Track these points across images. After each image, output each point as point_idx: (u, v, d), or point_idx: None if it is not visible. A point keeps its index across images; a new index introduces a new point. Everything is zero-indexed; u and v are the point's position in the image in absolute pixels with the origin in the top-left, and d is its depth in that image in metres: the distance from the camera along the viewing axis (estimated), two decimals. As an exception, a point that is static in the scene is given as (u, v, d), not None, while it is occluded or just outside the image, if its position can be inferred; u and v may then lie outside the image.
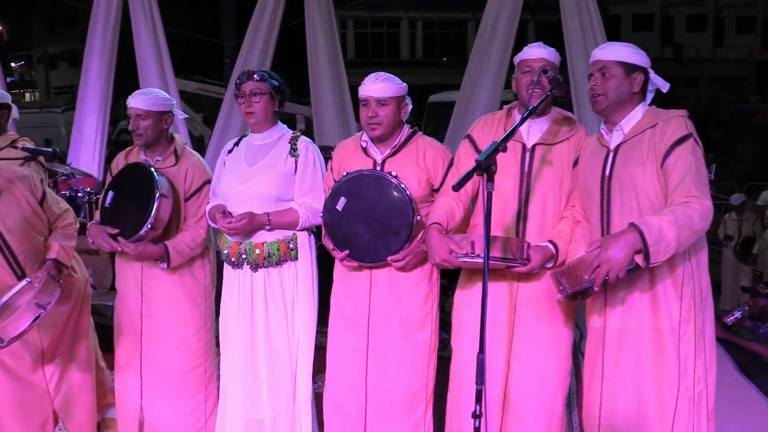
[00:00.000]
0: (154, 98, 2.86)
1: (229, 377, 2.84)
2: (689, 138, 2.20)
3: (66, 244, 2.82)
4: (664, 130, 2.23)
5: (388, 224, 2.56)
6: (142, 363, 2.94)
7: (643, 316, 2.28)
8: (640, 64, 2.31)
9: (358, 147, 2.73)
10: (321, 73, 6.19)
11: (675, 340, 2.25)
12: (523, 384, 2.55)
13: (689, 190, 2.14)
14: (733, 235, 8.03)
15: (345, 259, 2.64)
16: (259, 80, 2.72)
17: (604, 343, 2.35)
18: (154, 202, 2.70)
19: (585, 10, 5.24)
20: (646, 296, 2.28)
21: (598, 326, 2.39)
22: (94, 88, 6.06)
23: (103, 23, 5.96)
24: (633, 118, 2.32)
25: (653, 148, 2.23)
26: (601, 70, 2.32)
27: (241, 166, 2.78)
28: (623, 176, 2.28)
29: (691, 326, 2.25)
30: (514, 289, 2.54)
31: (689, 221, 2.09)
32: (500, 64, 5.52)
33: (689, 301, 2.25)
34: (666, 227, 2.05)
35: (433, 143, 2.73)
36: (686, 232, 2.09)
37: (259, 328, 2.77)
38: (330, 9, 6.23)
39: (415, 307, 2.67)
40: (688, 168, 2.16)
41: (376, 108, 2.60)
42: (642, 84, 2.31)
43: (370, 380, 2.69)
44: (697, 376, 2.26)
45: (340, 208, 2.59)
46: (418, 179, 2.63)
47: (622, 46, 2.33)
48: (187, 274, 2.93)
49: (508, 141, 2.10)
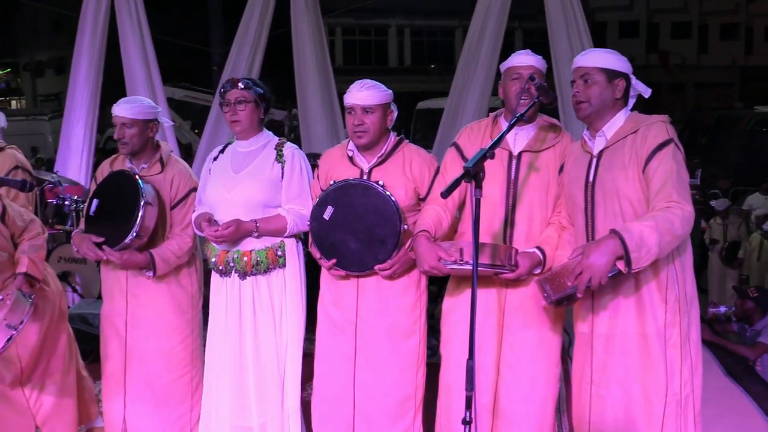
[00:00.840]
0: (139, 106, 2.84)
1: (215, 385, 2.81)
2: (670, 143, 2.22)
3: (35, 256, 2.73)
4: (646, 135, 2.24)
5: (375, 233, 2.56)
6: (126, 372, 2.90)
7: (629, 320, 2.29)
8: (622, 70, 2.32)
9: (345, 156, 2.73)
10: (309, 81, 6.19)
11: (661, 344, 2.26)
12: (513, 390, 2.56)
13: (670, 195, 2.15)
14: (718, 239, 8.11)
15: (332, 268, 2.64)
16: (244, 88, 2.72)
17: (592, 348, 2.36)
18: (139, 210, 2.67)
19: (571, 17, 5.28)
20: (631, 301, 2.29)
21: (585, 331, 2.40)
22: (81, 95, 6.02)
23: (90, 30, 5.93)
24: (615, 123, 2.33)
25: (635, 153, 2.24)
26: (583, 77, 2.33)
27: (227, 173, 2.77)
28: (606, 182, 2.29)
29: (677, 330, 2.26)
30: (502, 295, 2.55)
31: (670, 226, 2.10)
32: (488, 70, 5.54)
33: (674, 304, 2.26)
34: (647, 233, 2.07)
35: (419, 152, 2.73)
36: (668, 237, 2.10)
37: (248, 335, 2.75)
38: (318, 16, 6.23)
39: (403, 315, 2.68)
40: (669, 173, 2.18)
41: (362, 116, 2.60)
42: (624, 90, 2.33)
43: (359, 388, 2.68)
44: (684, 379, 2.28)
45: (327, 217, 2.59)
46: (405, 188, 2.64)
47: (603, 53, 2.35)
48: (174, 282, 2.91)
49: (495, 148, 2.11)
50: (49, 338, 2.89)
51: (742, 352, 4.36)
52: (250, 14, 6.12)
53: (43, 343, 2.86)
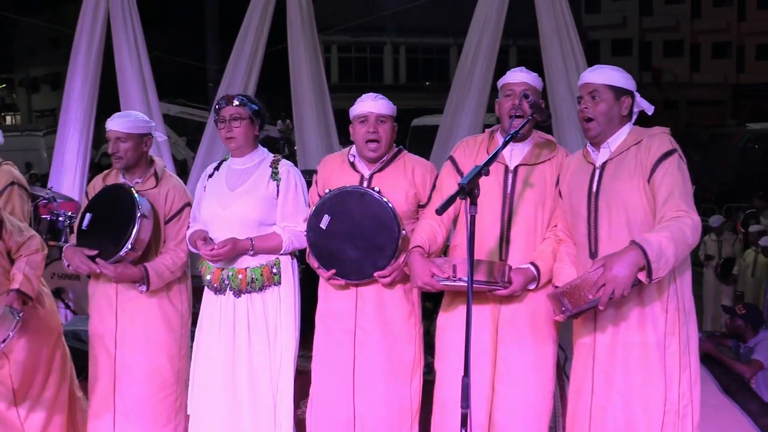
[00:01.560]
0: (133, 120, 2.83)
1: (209, 403, 2.78)
2: (674, 153, 2.25)
3: (31, 273, 2.70)
4: (649, 145, 2.27)
5: (373, 240, 2.56)
6: (116, 391, 2.85)
7: (631, 330, 2.30)
8: (629, 88, 2.36)
9: (345, 162, 2.74)
10: (305, 97, 6.22)
11: (661, 354, 2.27)
12: (508, 407, 2.54)
13: (678, 205, 2.18)
14: (713, 255, 8.13)
15: (331, 277, 2.63)
16: (239, 105, 2.72)
17: (594, 357, 2.37)
18: (135, 223, 2.65)
19: (565, 35, 5.34)
20: (634, 311, 2.30)
21: (587, 342, 2.40)
22: (76, 111, 6.02)
23: (86, 46, 5.94)
24: (620, 136, 2.37)
25: (639, 163, 2.27)
26: (591, 93, 2.35)
27: (223, 190, 2.76)
28: (611, 192, 2.31)
29: (676, 339, 2.28)
30: (496, 311, 2.54)
31: (683, 236, 2.13)
32: (482, 88, 5.58)
33: (674, 314, 2.28)
34: (665, 243, 2.09)
35: (419, 160, 2.78)
36: (682, 247, 2.13)
37: (241, 354, 2.73)
38: (314, 34, 6.28)
39: (401, 324, 2.68)
40: (674, 183, 2.21)
41: (376, 124, 2.63)
42: (629, 107, 2.36)
43: (358, 399, 2.67)
44: (682, 390, 2.29)
45: (324, 227, 2.59)
46: (406, 194, 2.65)
47: (611, 70, 2.38)
48: (165, 299, 2.88)
49: (490, 164, 2.12)
50: (43, 357, 2.85)
51: (738, 368, 4.35)
52: (246, 31, 6.15)
53: (35, 362, 2.82)
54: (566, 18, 5.34)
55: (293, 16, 6.15)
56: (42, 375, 2.86)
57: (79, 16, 5.96)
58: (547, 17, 5.38)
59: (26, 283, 2.67)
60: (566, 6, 5.35)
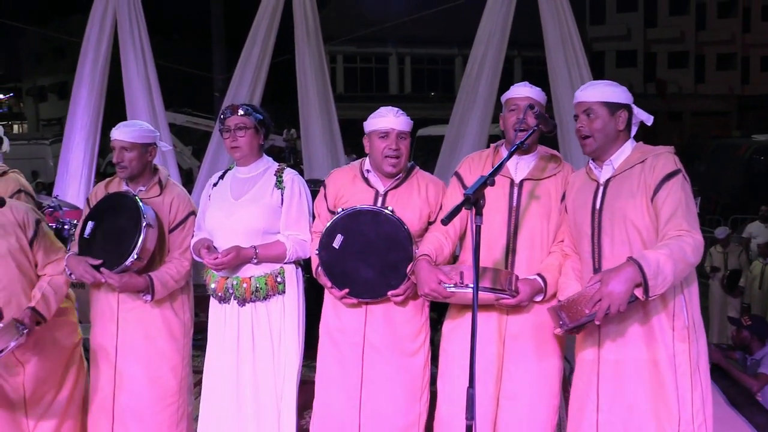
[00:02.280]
0: (138, 130, 2.83)
1: (213, 413, 2.78)
2: (678, 173, 2.25)
3: (50, 294, 2.69)
4: (654, 165, 2.27)
5: (387, 259, 2.55)
6: (115, 401, 2.83)
7: (639, 347, 2.29)
8: (623, 101, 2.34)
9: (358, 177, 2.72)
10: (311, 108, 6.24)
11: (672, 372, 2.25)
12: (513, 420, 2.53)
13: (681, 224, 2.18)
14: (719, 267, 8.08)
15: (344, 296, 2.62)
16: (244, 114, 2.73)
17: (599, 375, 2.34)
18: (140, 232, 2.63)
19: (570, 46, 5.35)
20: (640, 328, 2.28)
21: (590, 358, 2.38)
22: (82, 120, 6.06)
23: (93, 55, 5.98)
24: (622, 153, 2.36)
25: (643, 182, 2.27)
26: (585, 111, 2.35)
27: (227, 199, 2.76)
28: (614, 209, 2.30)
29: (686, 358, 2.26)
30: (503, 324, 2.53)
31: (683, 255, 2.12)
32: (487, 98, 5.60)
33: (682, 332, 2.27)
34: (663, 261, 2.08)
35: (432, 178, 2.78)
36: (681, 266, 2.12)
37: (246, 362, 2.72)
38: (319, 44, 6.31)
39: (409, 339, 2.66)
40: (678, 203, 2.20)
41: (398, 141, 2.62)
42: (626, 120, 2.35)
43: (364, 413, 2.65)
44: (696, 409, 2.27)
45: (337, 246, 2.58)
46: (420, 212, 2.65)
47: (603, 86, 2.37)
48: (168, 308, 2.86)
49: (495, 175, 2.11)
50: (56, 374, 2.85)
51: (746, 381, 4.32)
52: (252, 41, 6.19)
53: (49, 377, 2.81)
54: (571, 29, 5.36)
55: (299, 26, 6.19)
56: (54, 389, 2.85)
57: (87, 26, 6.02)
58: (552, 28, 5.40)
59: (42, 304, 2.66)
60: (571, 17, 5.36)
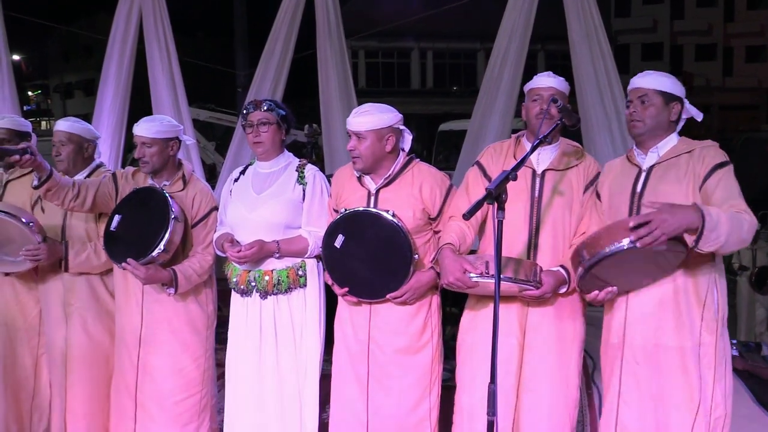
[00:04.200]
0: (159, 125, 2.85)
1: (237, 406, 2.81)
2: (728, 164, 2.27)
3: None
4: (704, 155, 2.29)
5: (386, 263, 2.54)
6: (138, 390, 2.88)
7: (666, 333, 2.28)
8: (678, 94, 2.36)
9: (353, 176, 2.72)
10: (332, 103, 6.25)
11: (696, 361, 2.25)
12: (533, 414, 2.52)
13: (739, 204, 2.18)
14: (747, 266, 7.94)
15: (345, 294, 2.64)
16: (267, 110, 2.74)
17: (622, 359, 2.35)
18: (169, 224, 2.67)
19: (594, 39, 5.28)
20: (669, 315, 2.28)
21: (615, 341, 2.38)
22: (108, 116, 6.14)
23: (118, 53, 6.06)
24: (669, 143, 2.38)
25: (691, 170, 2.28)
26: (640, 98, 2.36)
27: (249, 194, 2.79)
28: (657, 193, 2.30)
29: (712, 350, 2.27)
30: (523, 317, 2.52)
31: (740, 224, 2.11)
32: (510, 93, 5.55)
33: (711, 323, 2.27)
34: (723, 220, 2.07)
35: (430, 171, 2.69)
36: (735, 235, 2.10)
37: (268, 356, 2.75)
38: (341, 39, 6.31)
39: (415, 336, 2.65)
40: (732, 188, 2.22)
41: (355, 142, 2.60)
42: (678, 113, 2.37)
43: (372, 410, 2.65)
44: (716, 402, 2.26)
45: (338, 246, 2.58)
46: (414, 209, 2.61)
47: (662, 76, 2.38)
48: (192, 301, 2.91)
49: (518, 170, 2.11)
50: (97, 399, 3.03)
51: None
52: (275, 37, 6.21)
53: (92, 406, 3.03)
54: (596, 22, 5.29)
55: (321, 21, 6.20)
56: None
57: (113, 23, 6.09)
58: (577, 21, 5.33)
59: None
60: (596, 10, 5.29)
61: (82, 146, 3.09)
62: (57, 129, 3.08)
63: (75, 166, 3.08)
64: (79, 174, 3.08)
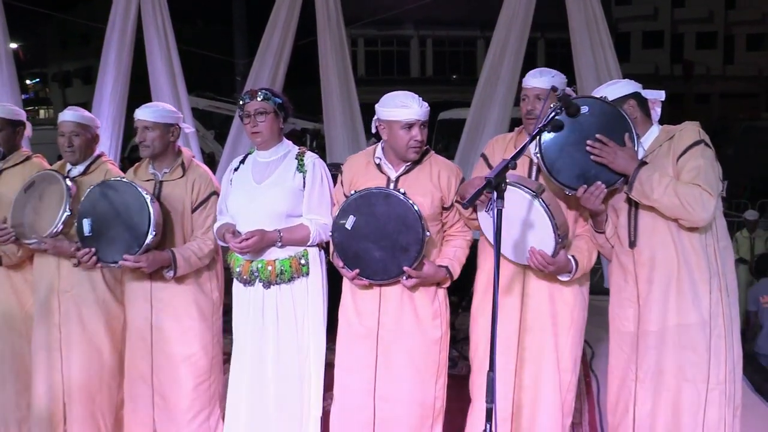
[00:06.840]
0: (161, 110, 2.90)
1: (238, 394, 2.83)
2: (700, 143, 2.34)
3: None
4: (680, 137, 2.37)
5: (398, 241, 2.56)
6: (153, 374, 2.92)
7: (673, 312, 2.36)
8: (627, 93, 2.43)
9: (371, 163, 2.73)
10: (332, 91, 6.23)
11: (707, 333, 2.34)
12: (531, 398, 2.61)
13: (695, 179, 2.28)
14: (746, 258, 7.97)
15: (355, 277, 2.64)
16: (263, 99, 2.74)
17: (638, 346, 2.43)
18: (150, 208, 2.70)
19: (594, 27, 5.26)
20: (676, 295, 2.36)
21: (630, 330, 2.45)
22: (107, 104, 6.12)
23: (117, 41, 6.03)
24: (650, 135, 2.45)
25: (672, 154, 2.36)
26: None
27: (249, 183, 2.79)
28: None
29: (721, 321, 2.35)
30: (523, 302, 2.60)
31: (680, 193, 2.23)
32: (510, 81, 5.54)
33: (717, 293, 2.35)
34: (660, 180, 2.25)
35: (445, 162, 2.75)
36: (673, 200, 2.24)
37: (270, 345, 2.76)
38: (341, 27, 6.28)
39: (424, 324, 2.67)
40: (697, 168, 2.29)
41: (421, 131, 2.59)
42: (638, 106, 2.42)
43: (378, 397, 2.68)
44: (728, 370, 2.36)
45: (349, 227, 2.60)
46: (432, 197, 2.64)
47: (605, 88, 2.48)
48: (197, 288, 2.93)
49: (517, 158, 2.14)
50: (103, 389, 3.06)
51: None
52: (273, 25, 6.18)
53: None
54: (596, 10, 5.27)
55: (320, 10, 6.17)
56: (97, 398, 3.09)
57: (111, 11, 6.05)
58: (577, 9, 5.31)
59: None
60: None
61: (93, 136, 3.08)
62: (66, 119, 3.03)
63: (85, 157, 3.07)
64: (81, 164, 3.07)
